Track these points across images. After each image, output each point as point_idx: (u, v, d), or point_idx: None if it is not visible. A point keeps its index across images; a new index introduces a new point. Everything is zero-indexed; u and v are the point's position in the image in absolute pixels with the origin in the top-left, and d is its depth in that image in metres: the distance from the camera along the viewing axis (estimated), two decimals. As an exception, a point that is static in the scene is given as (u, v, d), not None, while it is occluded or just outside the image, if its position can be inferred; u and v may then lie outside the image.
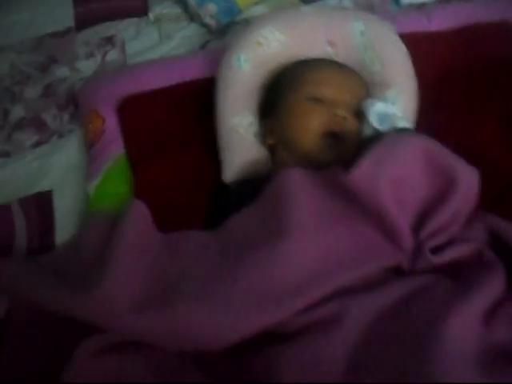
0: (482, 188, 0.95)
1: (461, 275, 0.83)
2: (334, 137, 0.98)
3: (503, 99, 1.13)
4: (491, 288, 0.79)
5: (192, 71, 1.24)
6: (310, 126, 0.98)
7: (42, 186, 1.23)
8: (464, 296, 0.77)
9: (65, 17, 1.53)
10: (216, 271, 0.83)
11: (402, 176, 0.83)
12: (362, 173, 0.81)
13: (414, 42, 1.21)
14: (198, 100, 1.17)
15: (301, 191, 0.88)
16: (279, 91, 1.06)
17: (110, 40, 1.46)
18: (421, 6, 1.42)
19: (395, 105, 1.06)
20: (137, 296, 0.80)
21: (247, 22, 1.39)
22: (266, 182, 0.94)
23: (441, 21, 1.27)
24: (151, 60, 1.35)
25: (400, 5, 1.42)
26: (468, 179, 0.86)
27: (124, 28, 1.48)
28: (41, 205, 1.21)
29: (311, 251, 0.83)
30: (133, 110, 1.20)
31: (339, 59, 1.12)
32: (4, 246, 1.14)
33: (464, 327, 0.72)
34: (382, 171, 0.81)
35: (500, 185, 1.04)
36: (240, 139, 1.08)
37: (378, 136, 0.93)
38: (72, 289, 0.83)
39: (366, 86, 1.07)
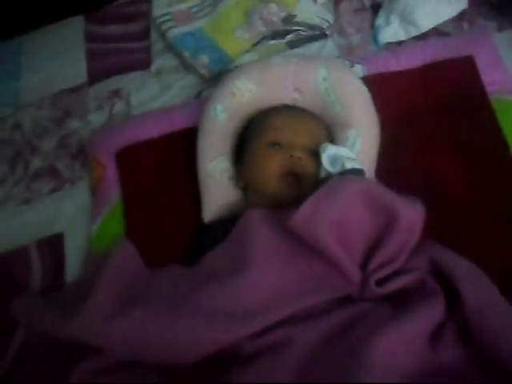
0: (441, 224, 1.04)
1: (403, 301, 0.92)
2: (293, 176, 1.09)
3: (464, 136, 1.21)
4: (430, 313, 0.88)
5: (182, 120, 1.37)
6: (269, 169, 1.09)
7: (55, 229, 1.39)
8: (398, 318, 0.85)
9: (78, 73, 1.68)
10: (185, 293, 0.94)
11: (342, 218, 0.92)
12: (301, 217, 0.91)
13: (383, 82, 1.32)
14: (186, 147, 1.30)
15: (258, 230, 0.99)
16: (245, 138, 1.18)
17: (117, 93, 1.60)
18: (399, 44, 1.50)
19: (355, 144, 1.16)
20: (110, 309, 0.92)
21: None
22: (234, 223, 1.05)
23: (408, 59, 1.35)
24: (148, 112, 1.49)
25: (379, 44, 1.51)
26: (409, 215, 0.93)
27: (130, 81, 1.61)
28: (54, 246, 1.36)
29: (266, 282, 0.93)
30: (129, 158, 1.34)
31: (305, 104, 1.23)
32: (21, 283, 1.30)
33: (394, 342, 0.81)
34: (320, 215, 0.90)
35: (457, 222, 1.12)
36: (216, 183, 1.20)
37: (328, 178, 1.03)
38: (64, 315, 0.96)
39: (325, 128, 1.18)
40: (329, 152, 1.05)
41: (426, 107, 1.27)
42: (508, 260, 1.06)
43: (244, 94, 1.24)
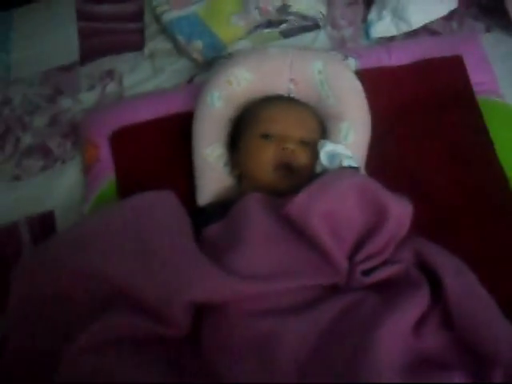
0: (426, 221, 1.08)
1: (390, 292, 0.95)
2: (286, 168, 1.12)
3: (451, 134, 1.26)
4: (416, 303, 0.91)
5: (177, 105, 1.39)
6: (262, 160, 1.12)
7: (46, 206, 1.41)
8: (390, 310, 0.88)
9: (70, 51, 1.69)
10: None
11: (335, 209, 0.95)
12: (295, 206, 0.95)
13: (375, 77, 1.35)
14: (180, 132, 1.31)
15: (256, 212, 1.02)
16: (240, 128, 1.20)
17: (109, 73, 1.62)
18: (390, 39, 1.54)
19: (347, 136, 1.20)
20: None
21: (231, 56, 1.53)
22: (232, 204, 1.08)
23: (400, 55, 1.39)
24: (142, 94, 1.51)
25: (370, 38, 1.55)
26: (398, 212, 0.97)
27: (122, 62, 1.63)
28: (45, 223, 1.38)
29: (259, 260, 0.96)
30: (123, 140, 1.36)
31: (300, 95, 1.26)
32: (12, 259, 1.32)
33: (391, 338, 0.84)
34: (313, 205, 0.93)
35: (442, 219, 1.16)
36: (211, 169, 1.22)
37: (324, 172, 1.06)
38: None
39: (318, 119, 1.21)
40: (327, 149, 1.08)
41: (415, 104, 1.31)
42: (493, 256, 1.10)
43: (240, 82, 1.26)
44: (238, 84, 1.26)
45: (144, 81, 1.58)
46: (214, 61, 1.52)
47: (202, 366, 0.92)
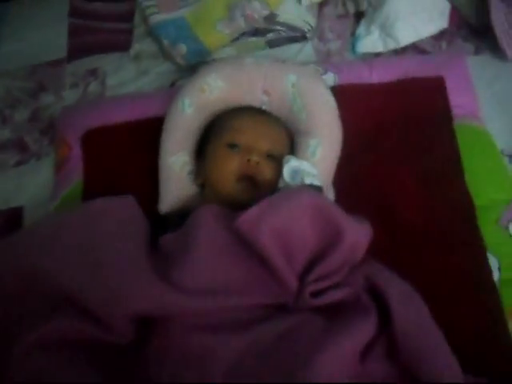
0: (389, 240, 1.10)
1: (338, 315, 0.93)
2: (249, 180, 1.10)
3: (423, 159, 1.23)
4: (363, 329, 0.89)
5: (154, 109, 1.36)
6: (226, 170, 1.10)
7: (16, 202, 1.40)
8: (336, 334, 0.86)
9: (59, 47, 1.69)
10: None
11: (286, 227, 0.93)
12: (245, 221, 0.92)
13: (353, 93, 1.33)
14: (152, 136, 1.30)
15: (207, 225, 1.00)
16: (208, 136, 1.19)
17: (93, 72, 1.61)
18: (377, 55, 1.52)
19: (315, 153, 1.18)
20: None
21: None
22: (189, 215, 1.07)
23: (381, 72, 1.36)
24: (122, 95, 1.50)
25: (356, 53, 1.52)
26: (354, 237, 0.94)
27: (108, 62, 1.62)
28: (12, 219, 1.38)
29: (204, 274, 0.95)
30: (94, 141, 1.35)
31: (272, 107, 1.24)
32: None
33: (334, 363, 0.82)
34: (264, 221, 0.91)
35: (406, 240, 1.15)
36: (176, 176, 1.21)
37: (285, 188, 1.05)
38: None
39: (287, 134, 1.19)
40: (291, 164, 1.06)
41: (390, 125, 1.28)
42: (451, 284, 1.08)
43: (213, 90, 1.24)
44: (210, 92, 1.25)
45: (127, 82, 1.58)
46: (197, 66, 1.50)
47: (144, 374, 0.91)
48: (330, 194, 1.19)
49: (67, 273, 0.95)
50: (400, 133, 1.28)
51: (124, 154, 1.33)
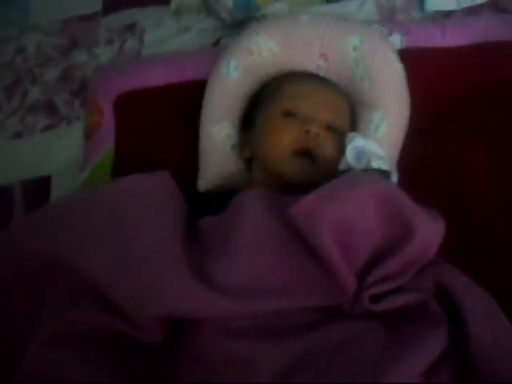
0: (462, 236, 0.96)
1: (402, 326, 0.80)
2: (307, 156, 0.96)
3: (504, 134, 1.08)
4: (431, 346, 0.76)
5: (195, 70, 1.24)
6: (280, 143, 0.96)
7: (44, 170, 1.30)
8: (401, 352, 0.74)
9: (93, 0, 1.55)
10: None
11: (350, 219, 0.80)
12: (302, 209, 0.79)
13: (422, 58, 1.18)
14: (192, 102, 1.17)
15: (253, 213, 0.87)
16: (259, 104, 1.05)
17: (130, 27, 1.48)
18: (448, 14, 1.34)
19: (379, 129, 1.03)
20: None
21: (264, 19, 1.37)
22: (235, 194, 0.93)
23: (456, 35, 1.20)
24: (158, 55, 1.37)
25: (425, 11, 1.35)
26: (426, 232, 0.81)
27: (146, 16, 1.49)
28: (40, 189, 1.27)
29: (246, 271, 0.82)
30: (128, 106, 1.23)
31: (330, 73, 1.10)
32: (1, 222, 1.22)
33: None
34: (323, 212, 0.78)
35: (482, 235, 1.01)
36: (217, 150, 1.08)
37: (346, 172, 0.90)
38: None
39: (349, 105, 1.05)
40: (356, 144, 0.93)
41: (466, 95, 1.13)
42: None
43: (262, 52, 1.10)
44: (259, 54, 1.11)
45: (167, 39, 1.45)
46: (244, 22, 1.36)
47: (175, 377, 0.80)
48: (393, 178, 1.04)
49: (97, 263, 0.83)
50: (477, 106, 1.12)
51: (161, 122, 1.20)
